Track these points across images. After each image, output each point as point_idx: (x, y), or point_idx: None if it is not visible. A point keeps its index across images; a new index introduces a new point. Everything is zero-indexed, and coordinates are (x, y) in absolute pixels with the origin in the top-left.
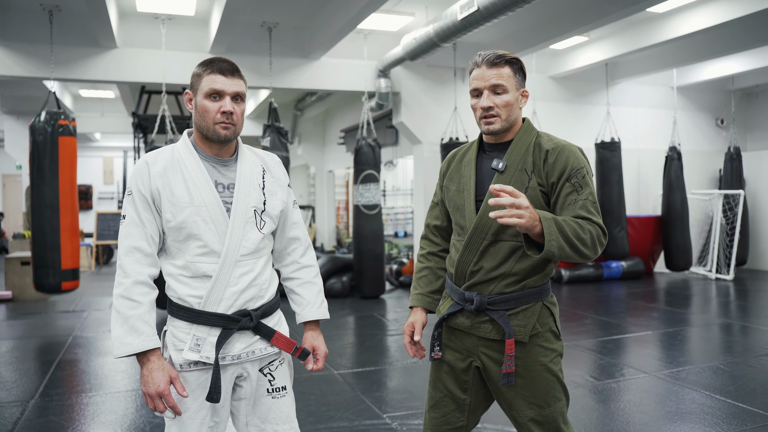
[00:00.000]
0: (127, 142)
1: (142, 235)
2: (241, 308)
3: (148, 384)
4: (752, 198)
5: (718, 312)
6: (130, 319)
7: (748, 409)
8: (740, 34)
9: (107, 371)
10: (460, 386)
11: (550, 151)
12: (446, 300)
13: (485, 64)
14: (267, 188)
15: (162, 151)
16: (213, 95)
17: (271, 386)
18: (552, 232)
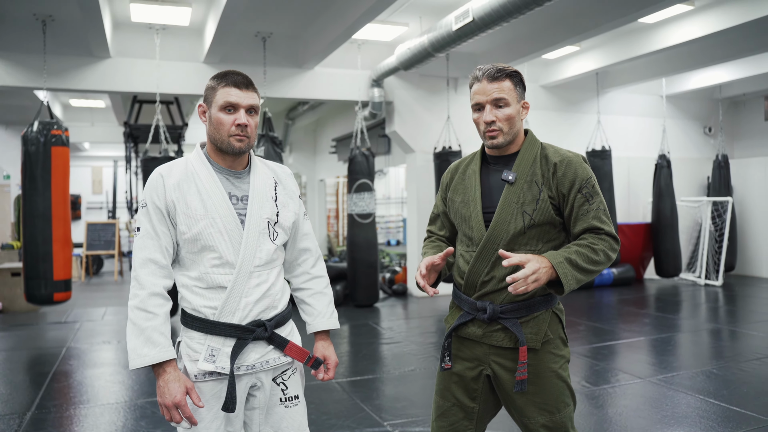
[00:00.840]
0: (116, 151)
1: (156, 246)
2: (256, 318)
3: (164, 395)
4: (740, 205)
5: (708, 317)
6: (146, 331)
7: (742, 412)
8: (727, 44)
9: (104, 383)
10: (469, 395)
11: (558, 163)
12: (454, 310)
13: (486, 78)
14: (279, 200)
15: (176, 164)
16: (228, 108)
17: (284, 395)
18: (567, 274)
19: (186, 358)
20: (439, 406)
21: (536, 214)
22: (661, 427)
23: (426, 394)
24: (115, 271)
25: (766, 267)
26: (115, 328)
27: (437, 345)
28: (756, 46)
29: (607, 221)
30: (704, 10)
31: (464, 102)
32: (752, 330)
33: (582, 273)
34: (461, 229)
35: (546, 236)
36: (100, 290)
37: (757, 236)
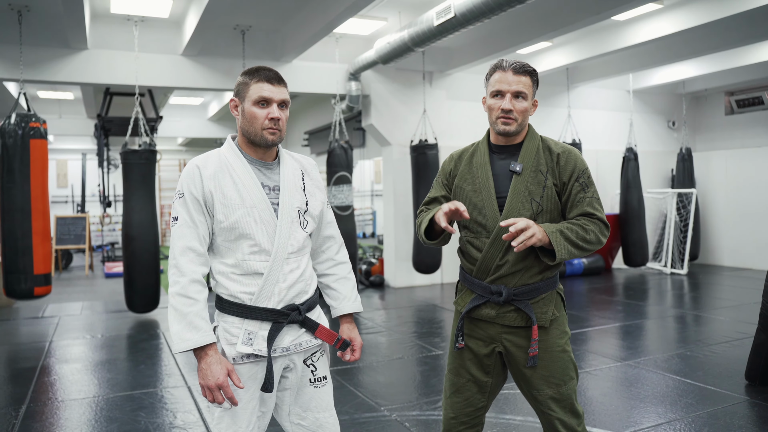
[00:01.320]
0: (83, 144)
1: (195, 235)
2: (290, 303)
3: (207, 377)
4: (703, 196)
5: (675, 304)
6: (188, 316)
7: (717, 391)
8: (691, 42)
9: (95, 376)
10: (483, 370)
11: (560, 154)
12: (464, 293)
13: (511, 69)
14: (307, 190)
15: (210, 155)
16: (261, 102)
17: (314, 376)
18: (559, 242)
19: (224, 342)
20: (453, 383)
21: (543, 201)
22: (644, 406)
23: (417, 380)
24: (86, 265)
25: (727, 256)
26: (95, 323)
27: (420, 334)
28: (718, 44)
29: (600, 209)
30: (671, 9)
31: (439, 95)
32: (718, 315)
33: (573, 246)
34: (472, 216)
35: (552, 222)
36: (71, 285)
37: (718, 226)
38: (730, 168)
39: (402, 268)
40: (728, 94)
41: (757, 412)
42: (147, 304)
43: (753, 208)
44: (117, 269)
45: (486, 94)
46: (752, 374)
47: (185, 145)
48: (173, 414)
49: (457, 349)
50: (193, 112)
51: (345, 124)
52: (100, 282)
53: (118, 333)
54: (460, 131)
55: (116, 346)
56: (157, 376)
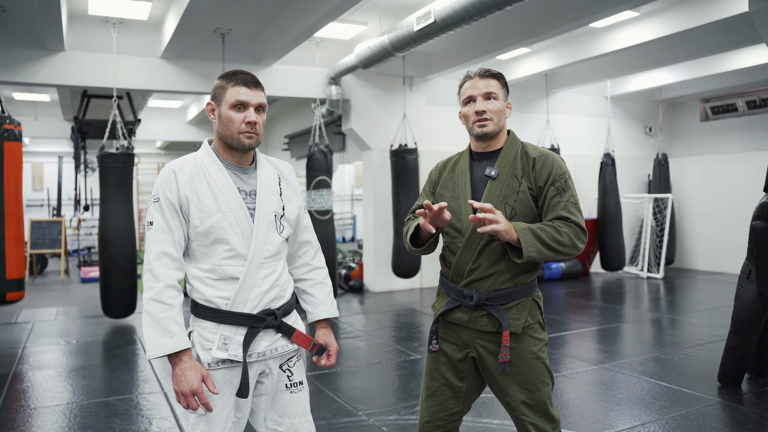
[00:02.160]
0: (59, 147)
1: (170, 240)
2: (266, 308)
3: (181, 383)
4: (678, 201)
5: (652, 307)
6: (163, 321)
7: (691, 393)
8: (667, 49)
9: (69, 383)
10: (457, 375)
11: (537, 158)
12: (441, 297)
13: (477, 76)
14: (284, 194)
15: (186, 160)
16: (238, 106)
17: (290, 381)
18: (527, 239)
19: (199, 347)
20: (428, 387)
21: (517, 205)
22: (619, 409)
23: (396, 385)
24: (62, 270)
25: (702, 260)
26: (70, 328)
27: (399, 339)
28: (694, 52)
29: (576, 213)
30: (648, 17)
31: (419, 100)
32: (693, 318)
33: (543, 246)
34: (450, 222)
35: None
36: (47, 290)
37: (694, 231)
38: (705, 173)
39: (381, 273)
40: (703, 101)
41: (729, 413)
42: (123, 309)
43: (727, 213)
44: (93, 274)
45: (460, 106)
46: (724, 376)
47: (164, 148)
48: (149, 420)
49: (430, 352)
50: (172, 115)
51: (325, 128)
52: (76, 287)
53: (93, 339)
54: (440, 136)
55: (91, 352)
56: (133, 383)
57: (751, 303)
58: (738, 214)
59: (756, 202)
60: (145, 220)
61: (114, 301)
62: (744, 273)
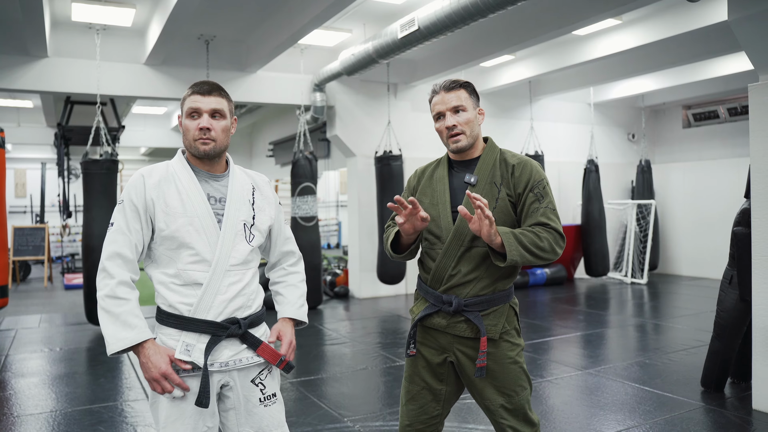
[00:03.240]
0: (42, 153)
1: (126, 242)
2: (230, 316)
3: (150, 369)
4: (662, 207)
5: (635, 313)
6: (121, 316)
7: (674, 398)
8: (650, 56)
9: (52, 390)
10: (437, 378)
11: (515, 165)
12: (420, 302)
13: (443, 89)
14: (256, 204)
15: (157, 166)
16: (192, 114)
17: (263, 395)
18: (511, 243)
19: None
20: (408, 390)
21: (496, 212)
22: (603, 414)
23: (381, 390)
24: (45, 277)
25: (685, 265)
26: (53, 336)
27: (384, 345)
28: (675, 59)
29: (555, 219)
30: (630, 25)
31: (404, 107)
32: (676, 324)
33: (526, 251)
34: (429, 227)
35: None
36: (30, 297)
37: (677, 237)
38: (687, 180)
39: (367, 279)
40: (685, 108)
41: (712, 417)
42: None
43: (710, 219)
44: (77, 281)
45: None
46: (708, 381)
47: (148, 155)
48: (133, 428)
49: (408, 356)
50: (156, 121)
51: (310, 134)
52: (60, 294)
53: (77, 346)
54: (424, 143)
55: (75, 359)
56: (117, 390)
57: (733, 308)
58: (720, 219)
59: (737, 208)
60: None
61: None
62: (726, 278)
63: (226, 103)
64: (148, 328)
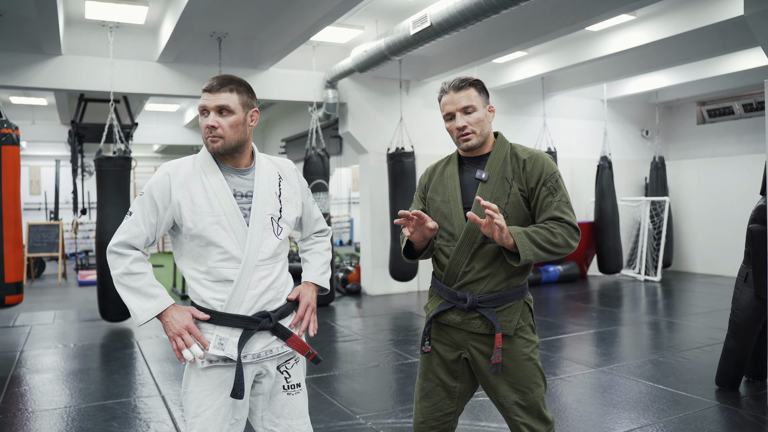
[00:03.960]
0: (57, 150)
1: (138, 233)
2: (261, 310)
3: (173, 325)
4: (675, 204)
5: (649, 310)
6: (143, 289)
7: (689, 396)
8: (663, 52)
9: (66, 386)
10: (451, 375)
11: (527, 160)
12: (434, 299)
13: (452, 89)
14: (283, 195)
15: (183, 162)
16: (203, 112)
17: (287, 383)
18: (524, 244)
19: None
20: (422, 387)
21: (508, 207)
22: (617, 412)
23: (393, 388)
24: (59, 273)
25: (700, 263)
26: (67, 332)
27: (396, 342)
28: (690, 55)
29: (569, 212)
30: (644, 21)
31: (416, 104)
32: (690, 321)
33: (539, 248)
34: (441, 225)
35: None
36: (44, 293)
37: (691, 234)
38: (702, 176)
39: (379, 276)
40: (700, 104)
41: (727, 416)
42: (121, 312)
43: (724, 216)
44: (90, 277)
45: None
46: (722, 379)
47: (161, 152)
48: (147, 424)
49: (423, 353)
50: (169, 118)
51: (322, 131)
52: (74, 290)
53: (91, 342)
54: (437, 139)
55: (89, 355)
56: (130, 386)
57: (749, 306)
58: (735, 217)
59: (753, 205)
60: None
61: (111, 304)
62: (741, 276)
63: (235, 98)
64: (168, 295)
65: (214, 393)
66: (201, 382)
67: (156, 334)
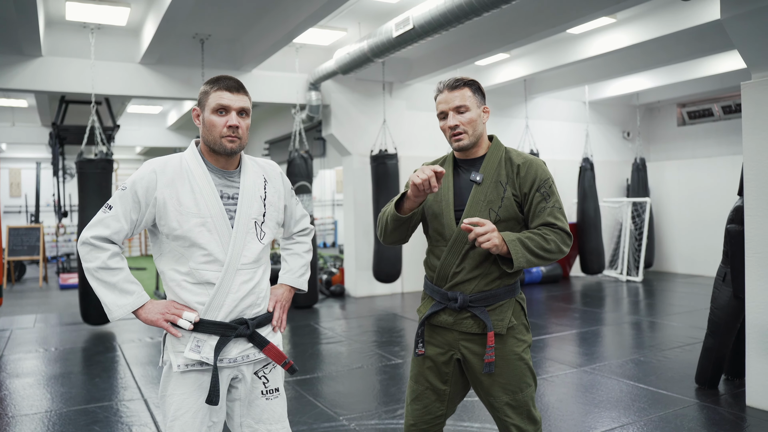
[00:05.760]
0: (37, 153)
1: (118, 229)
2: (240, 315)
3: (153, 312)
4: (657, 205)
5: (631, 310)
6: (119, 284)
7: (669, 394)
8: (644, 55)
9: (48, 390)
10: (440, 378)
11: (521, 165)
12: (426, 301)
13: (447, 89)
14: (268, 199)
15: (170, 160)
16: (220, 110)
17: (265, 388)
18: (518, 251)
19: (170, 350)
20: (413, 390)
21: (501, 211)
22: (598, 411)
23: (377, 389)
24: (40, 277)
25: (680, 263)
26: (48, 336)
27: (380, 343)
28: (670, 58)
29: (562, 218)
30: (624, 24)
31: (399, 106)
32: (671, 321)
33: (532, 255)
34: (432, 225)
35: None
36: (24, 297)
37: (672, 235)
38: (682, 177)
39: (363, 278)
40: (680, 106)
41: (706, 414)
42: (103, 316)
43: (704, 217)
44: (72, 281)
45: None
46: (702, 378)
47: (144, 154)
48: (129, 428)
49: (417, 356)
50: (151, 120)
51: (305, 133)
52: (55, 294)
53: (72, 346)
54: (420, 141)
55: (70, 359)
56: (112, 390)
57: (727, 305)
58: (714, 217)
59: (731, 205)
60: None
61: (93, 308)
62: (720, 276)
63: (249, 102)
64: (144, 290)
65: (191, 396)
66: (179, 385)
67: (138, 338)
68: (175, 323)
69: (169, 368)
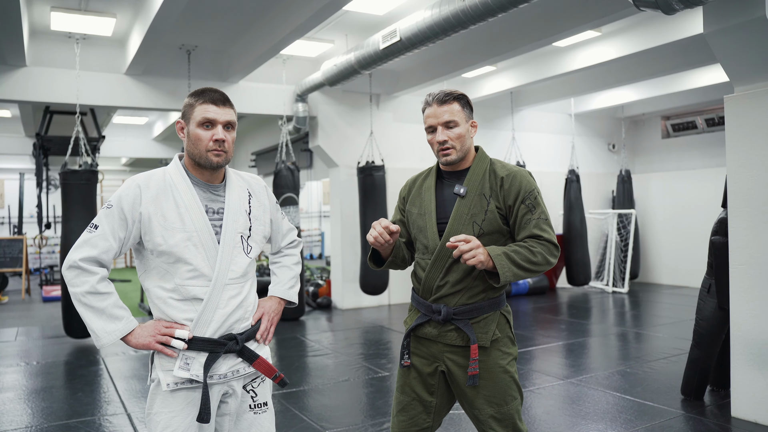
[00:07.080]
0: (20, 163)
1: (107, 248)
2: (228, 330)
3: (143, 336)
4: (642, 216)
5: (617, 322)
6: (107, 309)
7: (655, 406)
8: (629, 68)
9: (31, 407)
10: (427, 389)
11: (504, 177)
12: (412, 312)
13: (436, 102)
14: (253, 213)
15: (154, 174)
16: (206, 124)
17: (254, 402)
18: (504, 265)
19: (159, 368)
20: (399, 401)
21: (485, 224)
22: (585, 423)
23: (363, 402)
24: (23, 289)
25: (665, 274)
26: (30, 349)
27: (366, 356)
28: (654, 71)
29: (548, 230)
30: (610, 37)
31: (386, 118)
32: (657, 332)
33: (518, 268)
34: (417, 238)
35: (495, 244)
36: (6, 309)
37: (657, 246)
38: (667, 189)
39: (349, 290)
40: (664, 119)
41: (692, 425)
42: (86, 329)
43: (689, 228)
44: (55, 293)
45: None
46: (687, 389)
47: (129, 165)
48: None
49: (402, 367)
50: (137, 131)
51: (292, 145)
52: (38, 306)
53: (55, 359)
54: (407, 153)
55: (53, 373)
56: (95, 404)
57: (712, 316)
58: (699, 229)
59: (715, 217)
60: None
61: (76, 321)
62: (704, 287)
63: (235, 115)
64: (132, 316)
65: (180, 414)
66: (167, 403)
67: (122, 351)
68: (168, 344)
69: (157, 385)
